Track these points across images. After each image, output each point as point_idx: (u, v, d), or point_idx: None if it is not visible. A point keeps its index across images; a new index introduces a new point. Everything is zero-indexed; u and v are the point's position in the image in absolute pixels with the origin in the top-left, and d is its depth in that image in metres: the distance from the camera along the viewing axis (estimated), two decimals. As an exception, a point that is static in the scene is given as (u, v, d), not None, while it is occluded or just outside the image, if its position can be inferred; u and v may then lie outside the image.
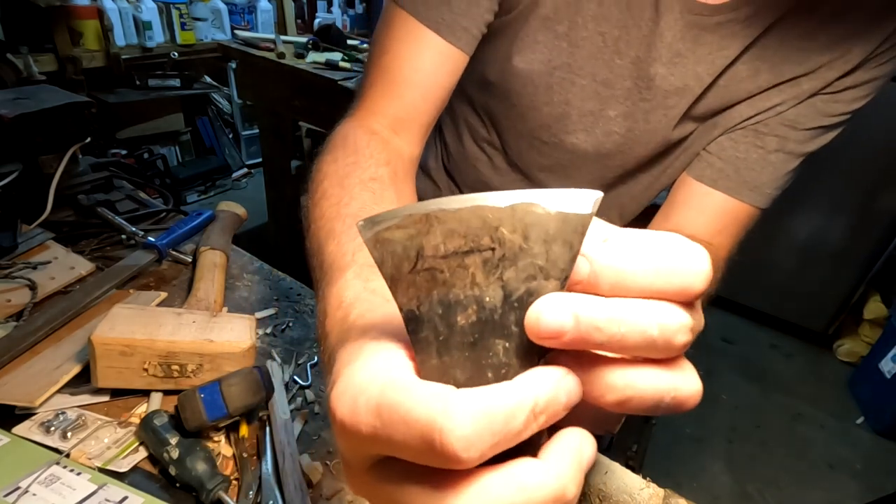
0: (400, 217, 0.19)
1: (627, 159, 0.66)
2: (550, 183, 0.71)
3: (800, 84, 0.56)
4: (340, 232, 0.38)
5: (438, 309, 0.19)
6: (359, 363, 0.21)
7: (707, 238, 0.62)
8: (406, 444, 0.17)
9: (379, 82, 0.56)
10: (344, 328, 0.27)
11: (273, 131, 2.38)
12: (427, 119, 0.57)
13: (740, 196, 0.61)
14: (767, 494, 1.82)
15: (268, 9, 3.07)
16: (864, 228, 2.26)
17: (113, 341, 0.54)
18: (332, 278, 0.34)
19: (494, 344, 0.19)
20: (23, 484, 0.47)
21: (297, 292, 0.80)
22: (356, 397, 0.19)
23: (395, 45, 0.54)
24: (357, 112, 0.56)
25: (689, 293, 0.19)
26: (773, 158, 0.60)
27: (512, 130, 0.68)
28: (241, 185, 3.28)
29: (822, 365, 2.47)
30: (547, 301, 0.19)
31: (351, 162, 0.47)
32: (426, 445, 0.17)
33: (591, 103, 0.61)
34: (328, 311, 0.31)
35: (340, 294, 0.31)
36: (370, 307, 0.28)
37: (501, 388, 0.18)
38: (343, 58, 2.00)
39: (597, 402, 0.20)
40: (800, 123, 0.58)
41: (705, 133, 0.63)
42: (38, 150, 0.86)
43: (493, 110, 0.68)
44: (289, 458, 0.53)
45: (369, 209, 0.41)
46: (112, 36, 2.37)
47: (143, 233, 0.83)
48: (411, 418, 0.17)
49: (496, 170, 0.74)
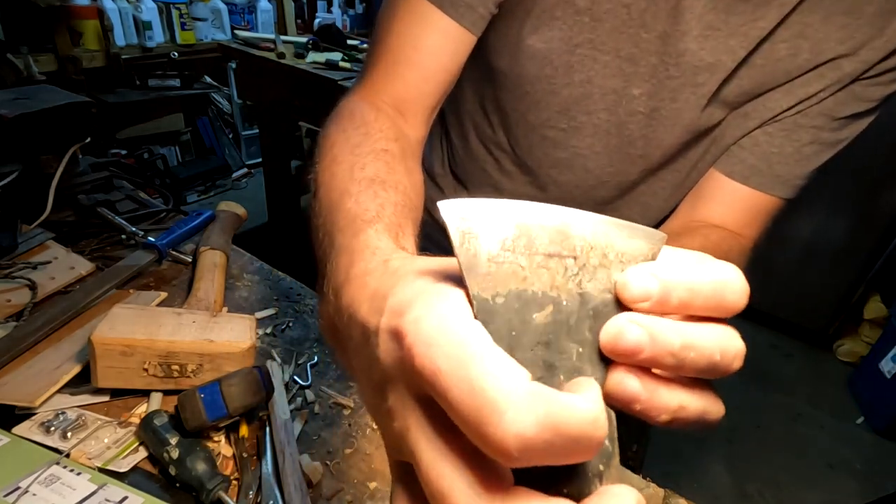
0: (488, 204, 0.19)
1: (651, 147, 0.62)
2: (563, 181, 0.67)
3: (841, 66, 0.52)
4: (357, 192, 0.37)
5: (515, 303, 0.19)
6: (435, 300, 0.19)
7: (736, 230, 0.60)
8: (460, 406, 0.16)
9: (382, 61, 0.54)
10: (388, 272, 0.25)
11: (273, 131, 2.38)
12: (431, 101, 0.55)
13: (773, 191, 0.59)
14: (767, 494, 1.82)
15: (268, 9, 3.07)
16: (864, 228, 2.26)
17: (113, 341, 0.54)
18: (356, 229, 0.32)
19: (569, 347, 0.19)
20: (23, 484, 0.47)
21: (297, 292, 0.80)
22: (435, 331, 0.18)
23: (397, 23, 0.53)
24: (360, 89, 0.54)
25: (736, 309, 0.20)
26: (807, 151, 0.57)
27: (523, 124, 0.65)
28: (241, 185, 3.28)
29: (822, 365, 2.47)
30: (627, 319, 0.19)
31: (362, 133, 0.46)
32: (481, 420, 0.16)
33: (614, 81, 0.57)
34: (355, 258, 0.29)
35: (371, 242, 0.30)
36: (410, 258, 0.27)
37: (584, 399, 0.16)
38: (343, 58, 2.00)
39: (648, 419, 0.20)
40: (837, 112, 0.54)
41: (736, 123, 0.59)
42: (38, 150, 0.86)
43: (503, 103, 0.65)
44: (289, 458, 0.53)
45: (384, 177, 0.40)
46: (112, 36, 2.37)
47: (143, 233, 0.83)
48: (480, 385, 0.16)
49: (505, 172, 0.72)
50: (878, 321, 2.35)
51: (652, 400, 0.19)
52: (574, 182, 0.67)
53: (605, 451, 0.19)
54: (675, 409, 0.20)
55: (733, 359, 0.20)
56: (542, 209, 0.20)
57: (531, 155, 0.67)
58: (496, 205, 0.19)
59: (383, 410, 0.22)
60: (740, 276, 0.20)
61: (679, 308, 0.20)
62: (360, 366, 0.25)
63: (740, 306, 0.20)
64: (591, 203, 0.69)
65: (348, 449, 0.57)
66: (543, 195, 0.70)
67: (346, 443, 0.58)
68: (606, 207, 0.70)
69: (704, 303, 0.20)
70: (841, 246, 2.32)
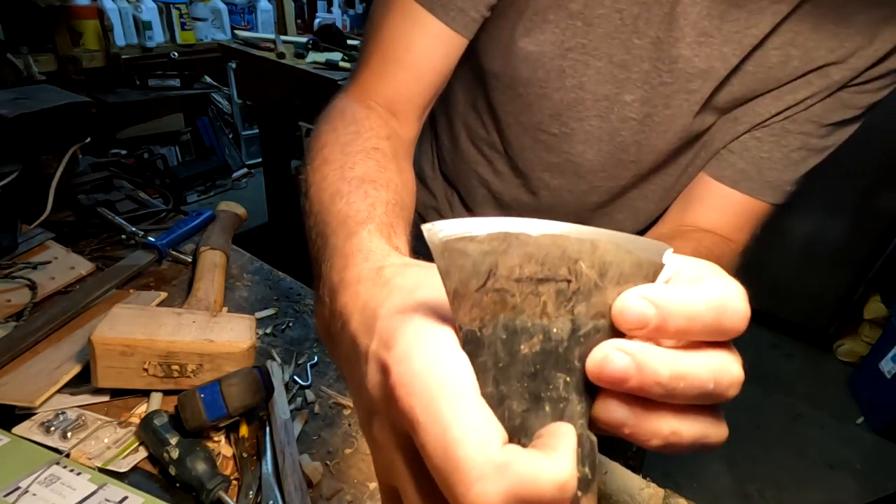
0: (476, 229, 0.18)
1: (643, 153, 0.62)
2: (555, 185, 0.67)
3: (829, 74, 0.53)
4: (348, 192, 0.37)
5: (503, 334, 0.18)
6: (421, 335, 0.20)
7: (726, 234, 0.61)
8: (434, 463, 0.17)
9: (372, 61, 0.54)
10: (380, 282, 0.26)
11: (273, 131, 2.38)
12: (422, 101, 0.55)
13: (762, 196, 0.60)
14: (767, 494, 1.82)
15: (268, 9, 3.07)
16: (864, 228, 2.26)
17: (113, 341, 0.54)
18: (349, 231, 0.32)
19: (556, 377, 0.19)
20: (23, 484, 0.47)
21: (297, 292, 0.80)
22: (417, 376, 0.18)
23: (389, 23, 0.53)
24: (352, 89, 0.55)
25: (735, 333, 0.20)
26: (795, 157, 0.57)
27: (515, 126, 0.65)
28: (241, 185, 3.28)
29: (822, 365, 2.47)
30: (613, 346, 0.19)
31: (352, 131, 0.46)
32: (452, 482, 0.17)
33: (606, 87, 0.57)
34: (349, 261, 0.29)
35: (363, 245, 0.30)
36: (402, 270, 0.26)
37: (553, 464, 0.17)
38: (343, 58, 2.00)
39: (640, 444, 0.20)
40: (825, 118, 0.55)
41: (725, 128, 0.60)
42: (38, 150, 0.86)
43: (495, 105, 0.65)
44: (289, 458, 0.53)
45: (375, 176, 0.40)
46: (112, 36, 2.38)
47: (143, 233, 0.83)
48: (454, 449, 0.17)
49: (497, 174, 0.71)
50: (878, 321, 2.35)
51: (640, 426, 0.19)
52: (566, 187, 0.67)
53: (584, 480, 0.19)
54: (667, 435, 0.19)
55: (728, 387, 0.19)
56: (535, 226, 0.19)
57: (523, 157, 0.67)
58: (484, 225, 0.18)
59: (371, 435, 0.23)
60: (742, 297, 0.20)
61: (676, 335, 0.19)
62: (352, 380, 0.25)
63: (740, 330, 0.19)
64: (581, 208, 0.70)
65: (348, 449, 0.57)
66: (535, 199, 0.70)
67: (346, 443, 0.58)
68: (597, 212, 0.70)
69: (703, 329, 0.19)
70: (840, 246, 2.32)
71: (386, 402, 0.20)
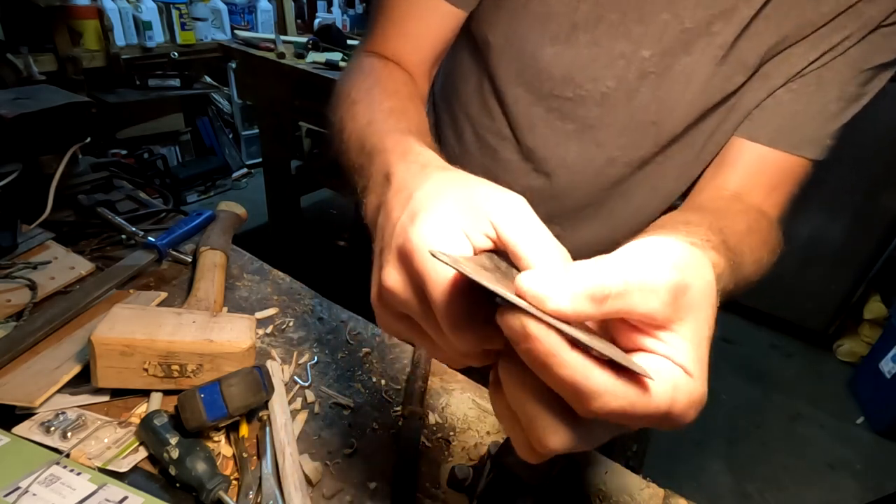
0: (461, 264, 0.26)
1: (664, 112, 0.58)
2: (571, 160, 0.64)
3: (861, 12, 0.50)
4: (382, 119, 0.45)
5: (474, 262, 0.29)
6: (438, 215, 0.30)
7: (761, 197, 0.58)
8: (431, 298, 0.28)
9: (380, 25, 0.61)
10: (421, 162, 0.37)
11: (273, 131, 2.38)
12: (429, 63, 0.62)
13: (801, 151, 0.56)
14: (767, 494, 1.82)
15: (268, 9, 3.07)
16: (864, 228, 2.26)
17: (113, 341, 0.54)
18: (395, 140, 0.41)
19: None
20: (23, 484, 0.47)
21: (297, 292, 0.80)
22: (429, 238, 0.29)
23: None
24: (366, 48, 0.61)
25: (644, 316, 0.25)
26: (833, 108, 0.54)
27: (524, 100, 0.63)
28: (241, 185, 3.28)
29: (822, 365, 2.47)
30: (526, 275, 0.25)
31: (373, 79, 0.54)
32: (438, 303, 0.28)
33: (622, 43, 0.55)
34: (400, 157, 0.38)
35: (412, 147, 0.39)
36: (436, 158, 0.38)
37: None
38: (343, 58, 2.00)
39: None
40: (862, 63, 0.52)
41: (756, 86, 0.56)
42: (38, 150, 0.86)
43: (501, 83, 0.63)
44: (289, 458, 0.53)
45: (403, 108, 0.48)
46: (112, 36, 2.37)
47: (143, 233, 0.83)
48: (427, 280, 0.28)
49: (504, 164, 0.69)
50: (878, 321, 2.35)
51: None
52: (583, 161, 0.64)
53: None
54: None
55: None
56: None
57: (534, 134, 0.65)
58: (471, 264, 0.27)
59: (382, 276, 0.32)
60: (666, 286, 0.25)
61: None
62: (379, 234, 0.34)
63: (649, 313, 0.25)
64: (598, 187, 0.67)
65: (348, 449, 0.57)
66: (548, 182, 0.68)
67: (346, 443, 0.58)
68: (615, 192, 0.68)
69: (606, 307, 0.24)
70: (841, 246, 2.32)
71: (399, 257, 0.30)
